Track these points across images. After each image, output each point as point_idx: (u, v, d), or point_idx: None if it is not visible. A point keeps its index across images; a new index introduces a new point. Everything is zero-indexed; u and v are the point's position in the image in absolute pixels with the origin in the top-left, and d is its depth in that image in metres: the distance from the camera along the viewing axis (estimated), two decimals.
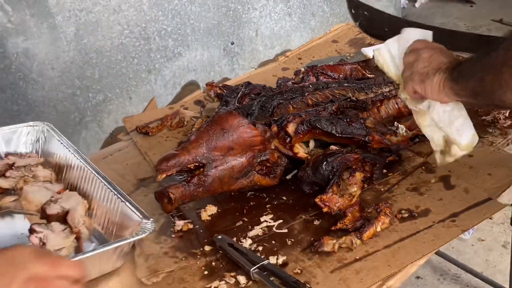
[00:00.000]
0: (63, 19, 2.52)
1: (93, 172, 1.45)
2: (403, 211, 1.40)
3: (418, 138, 1.64)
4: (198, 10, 2.98)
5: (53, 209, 1.37)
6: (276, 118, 1.55)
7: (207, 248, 1.35)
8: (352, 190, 1.38)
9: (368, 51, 2.18)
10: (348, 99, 1.65)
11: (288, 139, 1.51)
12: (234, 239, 1.37)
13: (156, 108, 2.07)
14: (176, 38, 2.95)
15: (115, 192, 1.36)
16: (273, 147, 1.52)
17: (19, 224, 1.43)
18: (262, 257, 1.31)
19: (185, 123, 1.83)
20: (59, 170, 1.58)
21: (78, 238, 1.34)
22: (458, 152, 1.34)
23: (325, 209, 1.38)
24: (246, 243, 1.36)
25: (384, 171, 1.54)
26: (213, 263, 1.31)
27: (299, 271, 1.26)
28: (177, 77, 3.04)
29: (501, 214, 2.80)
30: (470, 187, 1.45)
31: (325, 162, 1.44)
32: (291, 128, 1.50)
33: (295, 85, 1.81)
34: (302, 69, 1.93)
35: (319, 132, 1.50)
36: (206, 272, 1.28)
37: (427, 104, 1.31)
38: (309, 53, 2.26)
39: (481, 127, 1.68)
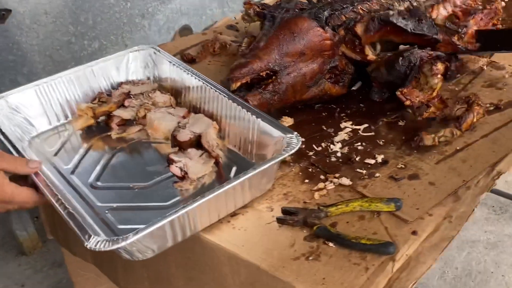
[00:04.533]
0: None
1: (218, 91, 1.37)
2: (487, 105, 1.41)
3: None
4: None
5: (184, 135, 1.30)
6: (339, 24, 1.52)
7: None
8: (434, 82, 1.37)
9: None
10: (406, 7, 1.64)
11: (357, 41, 1.49)
12: (323, 144, 1.35)
13: (179, 38, 2.01)
14: None
15: (247, 109, 1.29)
16: (340, 53, 1.50)
17: (150, 155, 1.37)
18: (358, 158, 1.29)
19: (228, 47, 1.77)
20: (176, 94, 1.50)
21: (216, 163, 1.29)
22: None
23: (407, 102, 1.37)
24: (336, 147, 1.34)
25: None
26: (309, 169, 1.28)
27: (403, 166, 1.26)
28: (171, 22, 2.95)
29: None
30: None
31: (401, 58, 1.42)
32: (359, 29, 1.48)
33: None
34: None
35: (390, 29, 1.48)
36: (304, 177, 1.26)
37: None
38: None
39: None
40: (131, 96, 1.49)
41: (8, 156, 1.14)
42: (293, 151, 1.15)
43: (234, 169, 1.29)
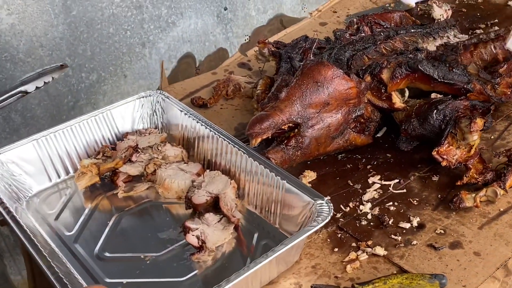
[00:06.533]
0: None
1: (237, 146, 1.28)
2: None
3: None
4: None
5: (200, 197, 1.21)
6: (363, 68, 1.43)
7: None
8: (472, 139, 1.27)
9: (410, 0, 2.10)
10: (441, 46, 1.56)
11: (383, 88, 1.40)
12: (351, 204, 1.26)
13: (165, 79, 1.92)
14: (169, 6, 2.77)
15: (270, 168, 1.20)
16: (366, 101, 1.41)
17: (162, 217, 1.28)
18: (391, 221, 1.20)
19: (242, 89, 1.68)
20: (188, 145, 1.41)
21: (236, 227, 1.19)
22: None
23: (443, 163, 1.28)
24: (366, 207, 1.24)
25: None
26: (337, 234, 1.19)
27: (442, 231, 1.16)
28: (172, 50, 2.86)
29: None
30: None
31: (435, 111, 1.33)
32: (385, 75, 1.39)
33: (352, 36, 1.71)
34: (355, 19, 1.82)
35: (418, 76, 1.39)
36: (334, 244, 1.16)
37: None
38: (343, 5, 2.16)
39: None
40: (139, 149, 1.39)
41: None
42: (325, 221, 1.06)
43: (256, 235, 1.20)
